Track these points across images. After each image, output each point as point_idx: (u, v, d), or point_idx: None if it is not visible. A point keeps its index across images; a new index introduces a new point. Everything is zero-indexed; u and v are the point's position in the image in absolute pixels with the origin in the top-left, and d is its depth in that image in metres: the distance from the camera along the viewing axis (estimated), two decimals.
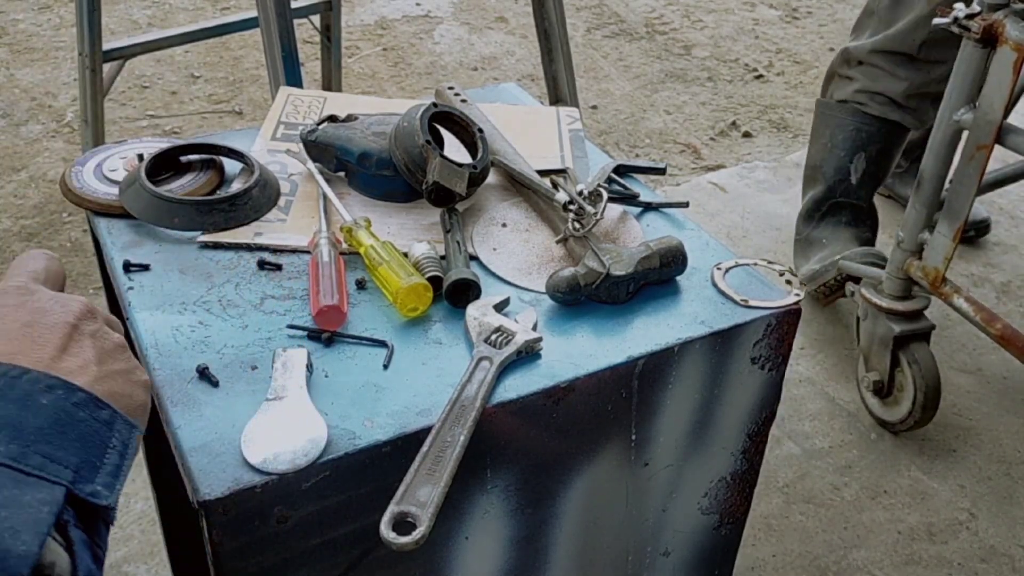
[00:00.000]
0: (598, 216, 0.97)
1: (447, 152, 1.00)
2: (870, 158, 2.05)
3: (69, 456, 0.52)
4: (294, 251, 0.97)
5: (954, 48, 1.89)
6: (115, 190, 1.02)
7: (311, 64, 3.07)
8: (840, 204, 2.11)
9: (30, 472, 0.50)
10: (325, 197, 1.02)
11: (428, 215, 1.03)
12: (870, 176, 2.08)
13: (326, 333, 0.85)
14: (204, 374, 0.80)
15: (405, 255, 0.93)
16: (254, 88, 3.08)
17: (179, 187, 1.02)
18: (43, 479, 0.50)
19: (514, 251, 0.99)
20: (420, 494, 0.72)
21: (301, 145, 1.07)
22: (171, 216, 0.98)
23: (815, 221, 2.17)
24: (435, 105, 1.04)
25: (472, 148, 1.06)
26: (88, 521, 0.52)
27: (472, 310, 0.88)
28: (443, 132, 1.07)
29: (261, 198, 1.02)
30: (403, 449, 0.76)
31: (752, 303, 0.92)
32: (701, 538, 1.07)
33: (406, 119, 1.01)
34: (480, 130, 1.06)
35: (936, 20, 1.52)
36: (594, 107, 3.09)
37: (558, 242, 0.99)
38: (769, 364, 0.96)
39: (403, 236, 0.99)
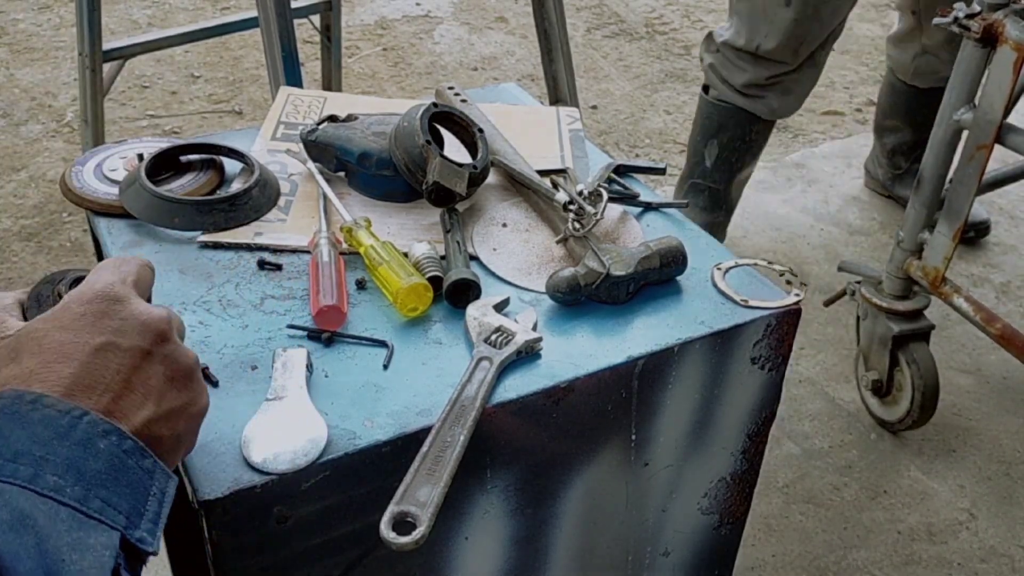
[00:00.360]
0: (598, 216, 0.97)
1: (447, 152, 1.00)
2: (722, 144, 2.14)
3: (122, 502, 0.54)
4: (294, 251, 0.97)
5: (791, 53, 1.98)
6: (115, 190, 1.02)
7: (311, 64, 3.07)
8: (697, 185, 2.21)
9: (91, 515, 0.52)
10: (325, 197, 1.02)
11: (428, 215, 1.03)
12: (723, 161, 2.18)
13: (326, 333, 0.85)
14: (204, 374, 0.80)
15: (405, 255, 0.93)
16: (254, 88, 3.08)
17: (179, 187, 1.02)
18: (103, 523, 0.52)
19: (514, 251, 0.99)
20: (420, 494, 0.72)
21: (301, 145, 1.07)
22: (171, 216, 0.98)
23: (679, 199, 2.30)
24: (435, 105, 1.04)
25: (472, 148, 1.06)
26: (131, 564, 0.54)
27: (472, 310, 0.88)
28: (443, 132, 1.07)
29: (261, 198, 1.02)
30: (403, 449, 0.76)
31: (752, 303, 0.92)
32: (701, 538, 1.07)
33: (406, 119, 1.01)
34: (480, 130, 1.06)
35: (936, 20, 1.52)
36: (594, 107, 3.09)
37: (558, 242, 0.99)
38: (769, 364, 0.96)
39: (403, 236, 0.99)
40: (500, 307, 0.89)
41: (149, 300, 0.68)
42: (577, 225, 0.97)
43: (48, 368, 0.55)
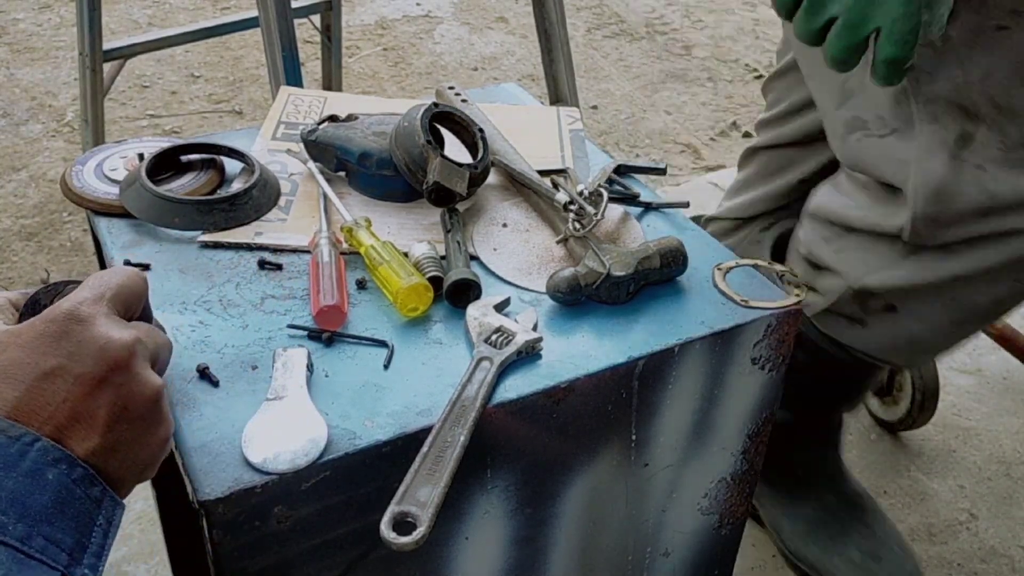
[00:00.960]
0: (598, 216, 0.97)
1: (447, 152, 1.00)
2: None
3: (66, 537, 0.52)
4: (294, 251, 0.97)
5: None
6: (115, 190, 1.02)
7: (311, 64, 3.07)
8: None
9: (32, 555, 0.50)
10: (325, 197, 1.02)
11: (428, 215, 1.03)
12: None
13: (326, 333, 0.85)
14: (204, 374, 0.80)
15: (405, 255, 0.93)
16: (254, 88, 3.08)
17: (179, 187, 1.02)
18: (43, 563, 0.50)
19: (514, 251, 0.99)
20: (420, 494, 0.72)
21: (301, 145, 1.07)
22: (171, 216, 0.98)
23: None
24: (435, 105, 1.04)
25: (472, 148, 1.06)
26: None
27: (472, 310, 0.88)
28: (443, 132, 1.07)
29: (261, 198, 1.02)
30: (403, 449, 0.76)
31: (752, 303, 0.92)
32: (701, 538, 1.07)
33: (406, 119, 1.01)
34: (480, 130, 1.06)
35: None
36: (594, 107, 3.09)
37: (558, 242, 0.99)
38: (769, 364, 0.96)
39: (403, 236, 0.99)
40: (500, 307, 0.89)
41: (141, 311, 0.66)
42: (577, 225, 0.97)
43: None
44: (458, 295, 0.89)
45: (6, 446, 0.51)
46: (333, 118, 1.08)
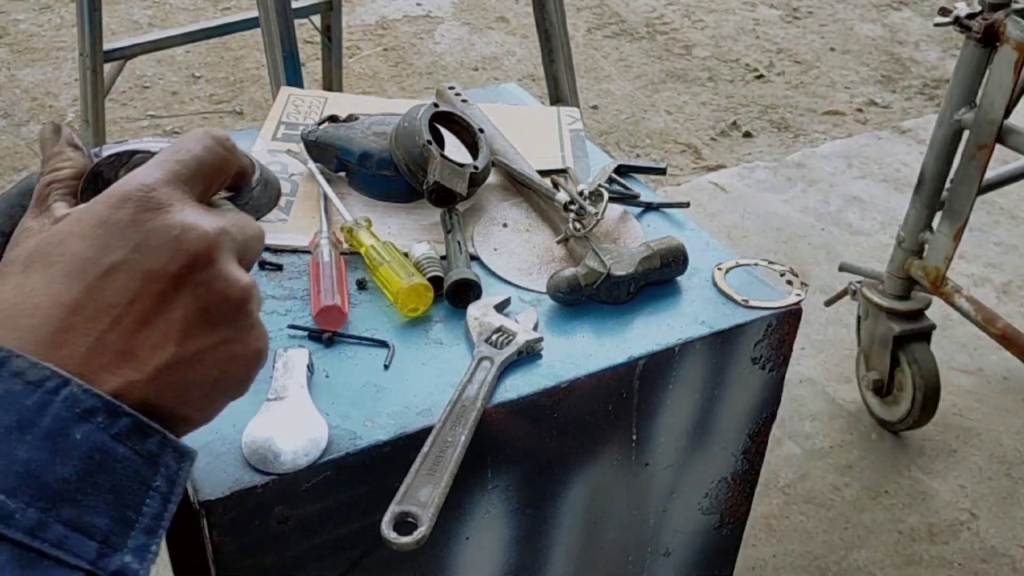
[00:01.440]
0: (599, 216, 0.97)
1: (448, 152, 1.00)
2: None
3: (97, 518, 0.40)
4: (295, 251, 0.97)
5: None
6: None
7: (312, 64, 3.07)
8: None
9: (46, 552, 0.38)
10: (326, 197, 1.02)
11: (429, 215, 1.03)
12: None
13: (327, 333, 0.85)
14: None
15: (406, 255, 0.93)
16: (255, 88, 3.08)
17: None
18: (59, 561, 0.38)
19: (515, 251, 0.99)
20: (421, 494, 0.72)
21: (302, 145, 1.07)
22: None
23: None
24: (436, 105, 1.04)
25: (473, 148, 1.06)
26: None
27: (473, 310, 0.88)
28: (444, 132, 1.07)
29: (262, 198, 1.01)
30: (404, 449, 0.76)
31: (753, 303, 0.92)
32: (701, 538, 1.07)
33: (407, 119, 1.01)
34: (481, 130, 1.06)
35: (936, 20, 1.52)
36: (595, 107, 3.09)
37: (559, 242, 0.99)
38: (770, 364, 0.95)
39: (404, 236, 0.99)
40: (501, 307, 0.89)
41: (239, 178, 0.55)
42: (578, 225, 0.97)
43: (47, 290, 0.43)
44: (458, 295, 0.89)
45: (21, 396, 0.39)
46: (333, 118, 1.08)
